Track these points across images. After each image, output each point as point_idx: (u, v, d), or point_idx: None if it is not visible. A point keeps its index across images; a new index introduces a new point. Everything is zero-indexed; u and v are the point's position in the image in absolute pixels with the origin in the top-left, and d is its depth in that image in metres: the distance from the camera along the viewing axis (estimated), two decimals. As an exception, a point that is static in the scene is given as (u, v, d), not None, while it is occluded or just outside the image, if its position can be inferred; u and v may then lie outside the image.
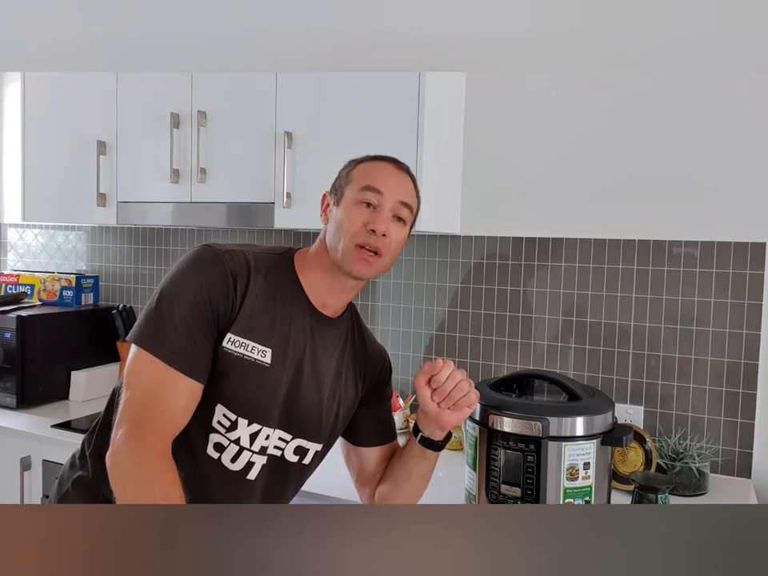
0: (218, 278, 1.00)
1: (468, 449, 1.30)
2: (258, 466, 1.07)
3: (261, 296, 1.03)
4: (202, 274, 1.00)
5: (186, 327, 0.97)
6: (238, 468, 1.05)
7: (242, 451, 1.05)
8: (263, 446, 1.06)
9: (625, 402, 1.71)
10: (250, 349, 1.02)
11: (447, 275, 1.92)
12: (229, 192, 1.79)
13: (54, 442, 1.73)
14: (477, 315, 1.88)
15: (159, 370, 0.95)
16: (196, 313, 0.98)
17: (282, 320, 1.05)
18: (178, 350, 0.96)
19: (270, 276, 1.06)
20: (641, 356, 1.70)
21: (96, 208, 1.96)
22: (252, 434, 1.04)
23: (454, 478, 1.50)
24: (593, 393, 1.27)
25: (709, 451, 1.57)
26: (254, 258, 1.05)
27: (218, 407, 1.02)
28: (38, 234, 2.58)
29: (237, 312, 1.01)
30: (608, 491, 1.26)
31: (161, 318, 0.97)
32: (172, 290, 0.99)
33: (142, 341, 0.97)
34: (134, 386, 0.96)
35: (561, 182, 1.77)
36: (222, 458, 1.04)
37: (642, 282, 1.69)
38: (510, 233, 1.83)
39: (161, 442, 0.94)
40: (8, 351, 1.95)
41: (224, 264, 1.01)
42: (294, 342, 1.06)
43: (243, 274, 1.02)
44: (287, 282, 1.08)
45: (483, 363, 1.88)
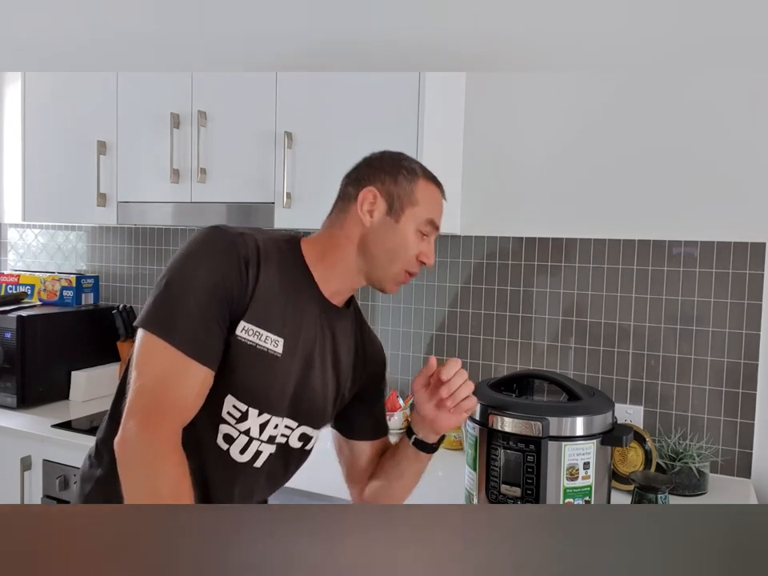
0: (232, 263, 0.96)
1: (468, 449, 1.30)
2: (266, 454, 1.06)
3: (274, 284, 1.01)
4: (215, 257, 0.96)
5: (199, 313, 0.94)
6: (246, 459, 1.04)
7: (251, 442, 1.04)
8: (272, 435, 1.06)
9: (625, 401, 1.71)
10: (264, 338, 0.99)
11: (447, 275, 1.92)
12: (229, 192, 1.79)
13: (54, 441, 1.73)
14: (477, 315, 1.88)
15: (172, 357, 0.92)
16: (210, 298, 0.94)
17: (295, 310, 1.04)
18: (191, 337, 0.93)
19: (282, 264, 1.03)
20: (641, 356, 1.70)
21: (96, 208, 1.96)
22: (262, 423, 1.03)
23: (453, 478, 1.50)
24: (593, 393, 1.27)
25: (709, 451, 1.57)
26: (264, 244, 1.01)
27: (228, 398, 1.00)
28: (38, 233, 2.58)
29: (249, 299, 0.98)
30: (608, 491, 1.26)
31: (173, 302, 0.94)
32: (184, 274, 0.95)
33: (154, 326, 0.94)
34: (145, 374, 0.93)
35: (561, 182, 1.77)
36: (231, 450, 1.03)
37: (642, 282, 1.69)
38: (510, 233, 1.83)
39: (171, 434, 0.92)
40: (8, 351, 1.95)
41: (237, 248, 0.97)
42: (305, 333, 1.05)
43: (254, 259, 0.98)
44: (298, 272, 1.06)
45: (483, 363, 1.88)
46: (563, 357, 1.78)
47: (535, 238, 1.80)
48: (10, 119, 2.55)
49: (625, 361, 1.72)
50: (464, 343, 1.90)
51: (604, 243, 1.73)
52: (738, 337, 1.61)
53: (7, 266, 2.63)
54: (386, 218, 1.06)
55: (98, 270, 2.46)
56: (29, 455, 1.76)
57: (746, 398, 1.60)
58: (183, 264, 0.96)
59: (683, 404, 1.66)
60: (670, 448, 1.55)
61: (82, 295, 2.33)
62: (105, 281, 2.44)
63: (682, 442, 1.58)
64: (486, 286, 1.87)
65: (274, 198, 1.72)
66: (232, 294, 0.96)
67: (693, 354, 1.65)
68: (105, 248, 2.45)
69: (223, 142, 1.79)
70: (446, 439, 1.74)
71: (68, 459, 1.71)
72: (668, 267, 1.67)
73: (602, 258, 1.73)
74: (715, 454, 1.62)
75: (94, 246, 2.47)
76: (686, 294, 1.65)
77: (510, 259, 1.84)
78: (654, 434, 1.67)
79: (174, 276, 0.96)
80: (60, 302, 2.30)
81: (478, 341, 1.89)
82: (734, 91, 1.59)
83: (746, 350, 1.60)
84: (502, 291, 1.85)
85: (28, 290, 2.34)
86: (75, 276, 2.32)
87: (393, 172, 1.07)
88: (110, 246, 2.44)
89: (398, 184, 1.07)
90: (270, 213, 1.72)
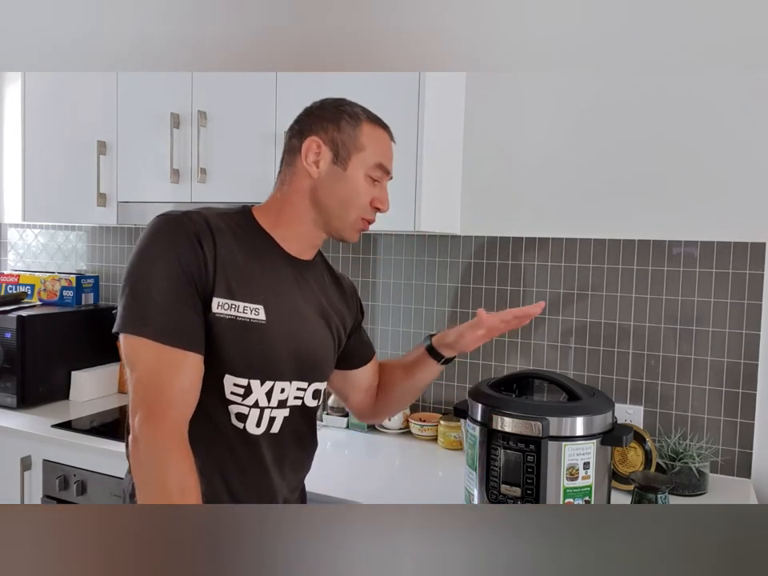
0: (183, 243, 0.96)
1: (468, 449, 1.30)
2: (280, 419, 1.06)
3: (235, 255, 1.00)
4: (166, 242, 0.96)
5: (167, 301, 0.94)
6: (262, 430, 1.04)
7: (263, 411, 1.04)
8: (281, 400, 1.06)
9: (625, 401, 1.71)
10: (241, 309, 0.99)
11: (447, 275, 1.92)
12: (229, 192, 1.79)
13: (54, 442, 1.73)
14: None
15: (156, 351, 0.93)
16: (173, 284, 0.95)
17: (265, 274, 1.03)
18: (166, 327, 0.93)
19: (238, 234, 1.03)
20: (641, 356, 1.70)
21: (96, 208, 1.96)
22: (267, 392, 1.04)
23: (454, 478, 1.50)
24: (593, 393, 1.27)
25: (708, 451, 1.57)
26: (213, 218, 1.01)
27: (226, 378, 1.00)
28: (38, 233, 2.58)
29: (213, 274, 0.97)
30: (608, 491, 1.26)
31: (139, 299, 0.94)
32: (142, 269, 0.96)
33: (128, 327, 0.95)
34: (137, 370, 0.94)
35: (561, 182, 1.77)
36: (247, 426, 1.03)
37: (642, 282, 1.69)
38: (510, 233, 1.83)
39: (175, 428, 0.93)
40: (8, 351, 1.95)
41: (185, 227, 0.97)
42: (283, 294, 1.05)
43: (206, 233, 0.98)
44: (258, 238, 1.05)
45: (483, 363, 1.88)
46: (563, 357, 1.78)
47: (535, 238, 1.80)
48: (10, 119, 2.55)
49: (625, 361, 1.72)
50: (464, 343, 1.90)
51: (604, 243, 1.73)
52: (738, 337, 1.61)
53: (7, 266, 2.63)
54: (333, 166, 1.04)
55: (98, 270, 2.46)
56: (29, 455, 1.76)
57: (746, 397, 1.60)
58: (139, 260, 0.97)
59: (683, 404, 1.66)
60: (670, 448, 1.55)
61: (82, 295, 2.33)
62: (105, 281, 2.44)
63: (681, 442, 1.58)
64: (486, 286, 1.87)
65: (274, 197, 1.72)
66: (192, 273, 0.96)
67: (693, 354, 1.65)
68: (105, 248, 2.45)
69: (223, 142, 1.79)
70: (446, 439, 1.74)
71: (68, 459, 1.71)
72: (668, 267, 1.67)
73: (602, 257, 1.73)
74: (715, 454, 1.62)
75: (93, 245, 2.47)
76: (686, 294, 1.65)
77: (509, 259, 1.84)
78: (654, 434, 1.67)
79: (133, 275, 0.96)
80: (60, 302, 2.30)
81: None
82: (734, 91, 1.59)
83: (746, 350, 1.60)
84: (502, 291, 1.85)
85: (28, 289, 2.34)
86: (75, 276, 2.32)
87: (335, 119, 1.06)
88: (110, 246, 2.44)
89: (342, 130, 1.05)
90: (270, 213, 1.71)
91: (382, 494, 1.45)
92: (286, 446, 1.09)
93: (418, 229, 1.60)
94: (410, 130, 1.56)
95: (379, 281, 2.00)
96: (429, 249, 1.93)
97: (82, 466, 1.69)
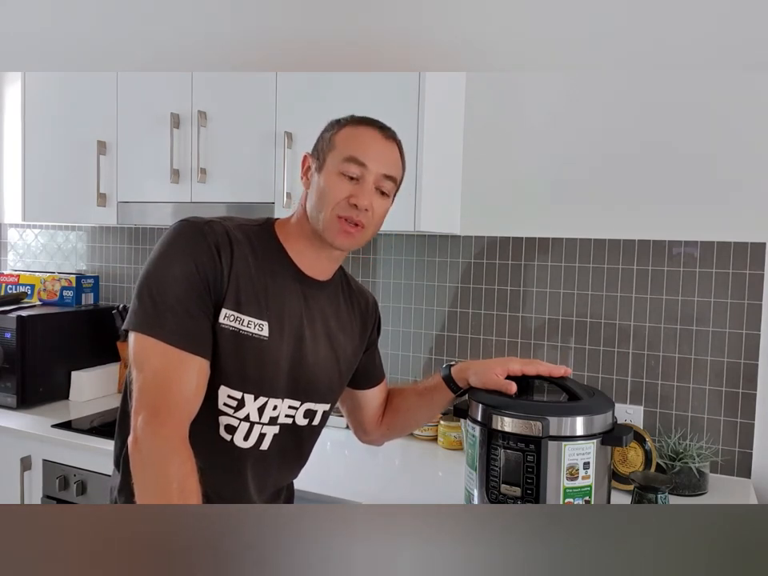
0: (203, 251, 0.97)
1: (468, 449, 1.30)
2: (270, 436, 1.07)
3: (249, 268, 1.01)
4: (187, 248, 0.97)
5: (182, 305, 0.95)
6: (250, 444, 1.05)
7: (253, 426, 1.04)
8: (272, 417, 1.06)
9: (625, 401, 1.71)
10: (246, 323, 1.00)
11: (447, 275, 1.92)
12: (229, 192, 1.79)
13: (54, 441, 1.73)
14: (477, 315, 1.88)
15: (165, 352, 0.94)
16: (188, 289, 0.96)
17: (275, 291, 1.04)
18: (179, 330, 0.94)
19: (256, 248, 1.04)
20: (641, 356, 1.70)
21: (96, 208, 1.96)
22: (259, 407, 1.04)
23: (454, 478, 1.50)
24: (593, 393, 1.27)
25: (709, 451, 1.57)
26: (233, 230, 1.02)
27: (222, 389, 1.01)
28: (38, 234, 2.58)
29: (226, 284, 0.98)
30: (608, 491, 1.26)
31: (155, 300, 0.95)
32: (160, 271, 0.96)
33: (141, 327, 0.95)
34: (145, 370, 0.94)
35: (561, 182, 1.77)
36: (235, 438, 1.03)
37: (642, 281, 1.69)
38: (510, 233, 1.83)
39: (178, 430, 0.93)
40: (8, 351, 1.95)
41: (205, 236, 0.98)
42: (289, 311, 1.05)
43: (225, 244, 0.99)
44: (274, 252, 1.06)
45: (483, 363, 1.88)
46: (563, 357, 1.78)
47: (535, 238, 1.80)
48: (10, 119, 2.55)
49: (625, 361, 1.72)
50: (464, 343, 1.90)
51: (604, 243, 1.73)
52: (738, 337, 1.61)
53: (7, 266, 2.63)
54: (315, 173, 1.06)
55: (98, 269, 2.46)
56: (29, 455, 1.76)
57: (746, 398, 1.60)
58: (158, 262, 0.98)
59: (683, 404, 1.66)
60: (670, 448, 1.55)
61: (82, 295, 2.33)
62: (105, 281, 2.44)
63: (681, 442, 1.58)
64: (486, 286, 1.87)
65: (274, 197, 1.72)
66: (208, 282, 0.97)
67: (693, 354, 1.65)
68: (105, 248, 2.45)
69: (223, 142, 1.79)
70: (446, 439, 1.74)
71: (68, 459, 1.71)
72: (668, 267, 1.67)
73: (602, 258, 1.73)
74: (715, 454, 1.61)
75: (93, 245, 2.47)
76: (686, 294, 1.65)
77: (509, 259, 1.84)
78: (654, 434, 1.67)
79: (151, 276, 0.97)
80: (60, 302, 2.30)
81: (477, 341, 1.89)
82: (734, 91, 1.59)
83: (746, 350, 1.60)
84: (502, 291, 1.85)
85: (28, 289, 2.34)
86: (75, 276, 2.32)
87: (323, 131, 1.09)
88: (110, 245, 2.44)
89: (323, 138, 1.08)
90: (270, 213, 1.71)
91: (382, 494, 1.45)
92: (271, 463, 1.09)
93: (418, 229, 1.60)
94: (410, 130, 1.56)
95: (379, 281, 2.00)
96: (429, 249, 1.93)
97: (81, 466, 1.69)
